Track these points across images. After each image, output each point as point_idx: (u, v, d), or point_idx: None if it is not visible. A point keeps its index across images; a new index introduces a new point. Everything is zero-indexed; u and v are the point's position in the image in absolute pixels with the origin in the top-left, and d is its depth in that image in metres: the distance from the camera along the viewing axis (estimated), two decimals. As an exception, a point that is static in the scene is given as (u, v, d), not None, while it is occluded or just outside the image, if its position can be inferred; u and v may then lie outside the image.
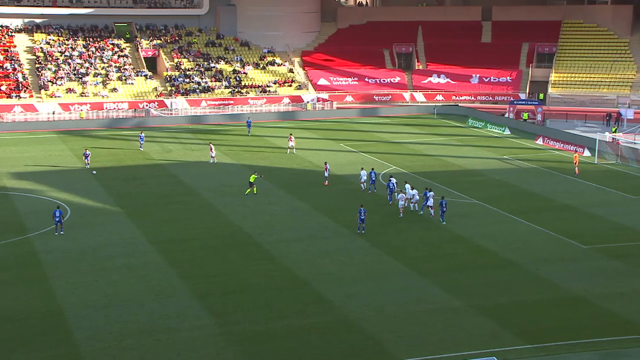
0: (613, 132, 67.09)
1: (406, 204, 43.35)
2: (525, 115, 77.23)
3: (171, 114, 79.97)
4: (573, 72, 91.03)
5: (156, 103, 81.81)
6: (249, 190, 48.13)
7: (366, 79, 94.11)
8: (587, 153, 60.94)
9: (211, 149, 58.07)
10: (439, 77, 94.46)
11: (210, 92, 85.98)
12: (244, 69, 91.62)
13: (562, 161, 59.17)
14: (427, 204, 43.09)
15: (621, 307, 30.22)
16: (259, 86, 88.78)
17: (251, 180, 48.31)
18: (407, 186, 44.90)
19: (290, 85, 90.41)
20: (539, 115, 76.65)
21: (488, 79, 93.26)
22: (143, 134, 63.90)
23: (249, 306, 30.55)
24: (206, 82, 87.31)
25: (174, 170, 55.47)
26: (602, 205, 45.69)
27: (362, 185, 49.18)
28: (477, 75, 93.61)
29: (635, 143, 61.40)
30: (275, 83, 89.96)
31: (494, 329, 28.55)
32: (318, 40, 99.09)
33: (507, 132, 72.33)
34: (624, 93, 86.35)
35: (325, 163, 51.45)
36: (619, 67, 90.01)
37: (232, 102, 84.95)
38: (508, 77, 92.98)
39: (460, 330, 28.41)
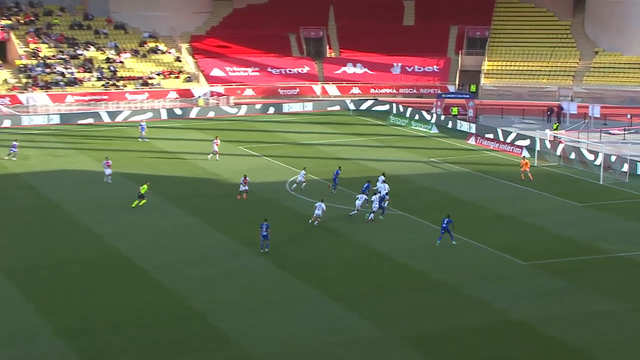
0: (554, 130, 69.71)
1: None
2: (454, 111, 79.16)
3: (28, 112, 77.62)
4: (508, 60, 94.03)
5: (8, 99, 79.24)
6: (136, 202, 47.36)
7: (269, 69, 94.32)
8: (525, 153, 63.00)
9: (108, 164, 53.68)
10: (354, 66, 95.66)
11: (77, 85, 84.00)
12: (119, 57, 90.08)
13: (497, 164, 60.95)
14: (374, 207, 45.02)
15: (566, 332, 31.27)
16: (139, 78, 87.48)
17: (142, 191, 47.64)
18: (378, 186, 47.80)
19: (178, 77, 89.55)
20: (471, 111, 78.73)
21: (412, 68, 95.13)
22: (17, 142, 61.33)
23: (129, 345, 29.90)
24: (72, 73, 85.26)
25: (32, 180, 53.92)
26: (543, 214, 47.30)
27: (295, 184, 50.79)
28: (399, 64, 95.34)
29: (579, 142, 63.94)
30: (159, 74, 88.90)
31: (423, 361, 29.00)
32: (210, 22, 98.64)
33: (435, 130, 73.92)
34: (566, 84, 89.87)
35: (245, 176, 50.53)
36: (559, 53, 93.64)
37: (106, 97, 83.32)
38: (434, 67, 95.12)
39: (383, 365, 28.71)
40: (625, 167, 56.21)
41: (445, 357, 29.22)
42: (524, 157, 58.15)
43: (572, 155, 60.76)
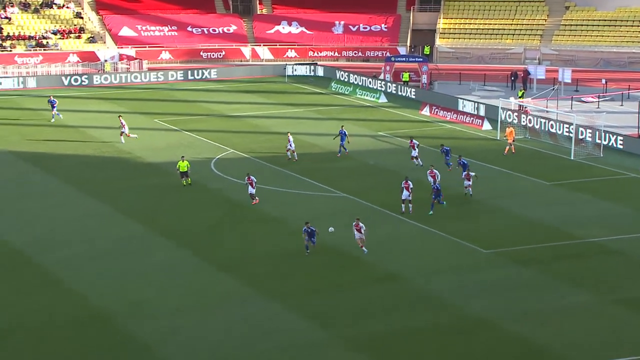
0: (520, 97, 70.72)
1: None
2: (405, 76, 79.71)
3: None
4: (467, 18, 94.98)
5: None
6: (185, 181, 47.59)
7: (189, 29, 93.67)
8: (487, 126, 63.89)
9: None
10: (289, 25, 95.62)
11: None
12: (5, 11, 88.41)
13: (455, 137, 61.63)
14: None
15: (531, 330, 31.92)
16: (30, 37, 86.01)
17: (182, 169, 47.38)
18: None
19: (79, 37, 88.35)
20: (425, 77, 79.36)
21: (356, 27, 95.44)
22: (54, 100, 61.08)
23: (22, 356, 29.65)
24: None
25: None
26: (507, 196, 48.09)
27: (288, 153, 53.50)
28: (342, 22, 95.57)
29: (547, 111, 64.97)
30: (55, 33, 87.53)
31: (370, 367, 29.39)
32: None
33: (383, 99, 74.37)
34: (533, 45, 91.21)
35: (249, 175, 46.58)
36: (525, 9, 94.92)
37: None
38: (382, 25, 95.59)
39: (324, 372, 29.05)
40: (599, 140, 57.36)
41: (396, 361, 29.68)
42: (509, 124, 58.84)
43: (540, 127, 61.68)
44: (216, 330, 31.65)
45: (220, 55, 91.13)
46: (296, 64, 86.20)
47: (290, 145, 53.66)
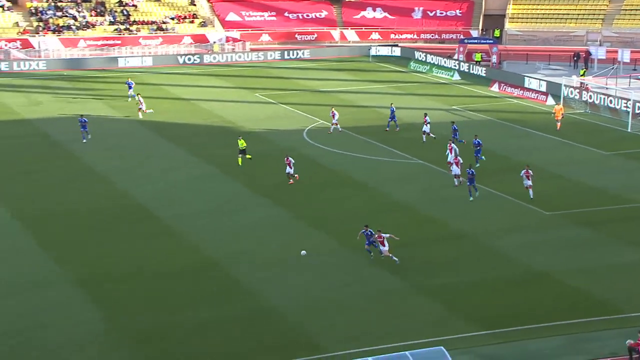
0: (581, 76, 68.98)
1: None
2: (477, 57, 78.52)
3: (39, 56, 77.72)
4: (534, 4, 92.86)
5: (19, 42, 79.30)
6: (240, 159, 45.81)
7: (286, 14, 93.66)
8: (550, 101, 62.58)
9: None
10: (374, 10, 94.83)
11: (90, 30, 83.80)
12: (132, 0, 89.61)
13: (522, 111, 60.53)
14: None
15: (590, 284, 31.30)
16: (152, 22, 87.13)
17: (241, 146, 46.01)
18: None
19: (192, 22, 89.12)
20: (495, 57, 78.06)
21: (433, 12, 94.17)
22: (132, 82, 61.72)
23: (144, 295, 30.28)
24: (85, 17, 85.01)
25: (45, 127, 54.11)
26: (568, 164, 47.03)
27: (332, 127, 52.26)
28: (421, 8, 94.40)
29: (607, 88, 63.29)
30: (173, 19, 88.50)
31: (441, 313, 29.17)
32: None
33: (457, 77, 73.40)
34: (595, 28, 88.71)
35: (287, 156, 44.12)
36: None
37: (119, 42, 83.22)
38: (457, 11, 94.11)
39: (401, 316, 28.93)
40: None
41: (466, 309, 29.38)
42: (558, 102, 57.52)
43: (600, 102, 60.20)
44: (309, 278, 31.81)
45: (312, 37, 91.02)
46: (379, 45, 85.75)
47: (335, 119, 52.94)
